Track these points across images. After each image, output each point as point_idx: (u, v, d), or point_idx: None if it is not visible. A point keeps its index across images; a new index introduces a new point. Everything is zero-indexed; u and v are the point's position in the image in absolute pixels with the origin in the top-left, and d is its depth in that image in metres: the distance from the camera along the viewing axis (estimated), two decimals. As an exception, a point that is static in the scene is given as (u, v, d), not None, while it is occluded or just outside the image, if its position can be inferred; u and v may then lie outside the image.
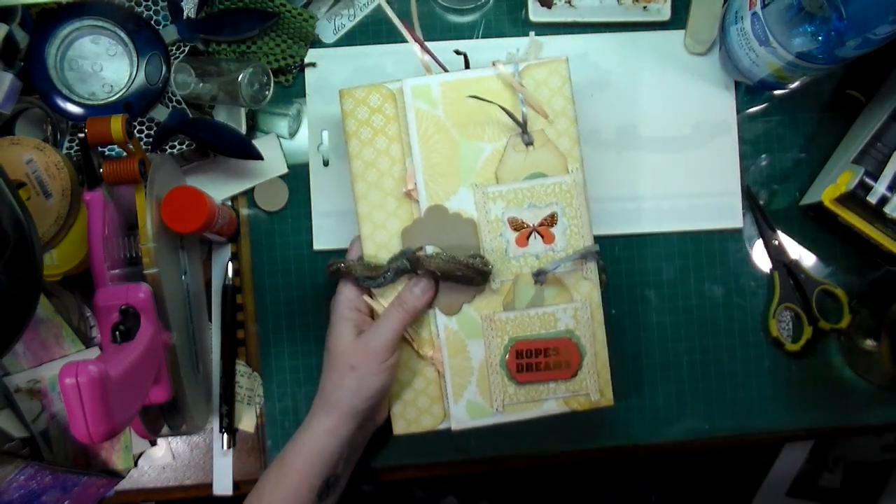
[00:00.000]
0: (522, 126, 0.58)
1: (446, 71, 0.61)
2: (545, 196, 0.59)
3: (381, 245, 0.59)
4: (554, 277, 0.59)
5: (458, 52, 0.61)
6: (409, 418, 0.60)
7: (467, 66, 0.61)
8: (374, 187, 0.59)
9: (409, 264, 0.57)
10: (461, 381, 0.59)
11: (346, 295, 0.59)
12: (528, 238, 0.59)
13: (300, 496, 0.55)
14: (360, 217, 0.59)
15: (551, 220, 0.59)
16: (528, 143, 0.58)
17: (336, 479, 0.59)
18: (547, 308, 0.59)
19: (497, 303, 0.59)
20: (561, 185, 0.58)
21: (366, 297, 0.59)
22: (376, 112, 0.59)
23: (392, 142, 0.59)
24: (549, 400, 0.60)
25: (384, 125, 0.59)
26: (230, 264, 0.68)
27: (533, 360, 0.59)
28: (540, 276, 0.58)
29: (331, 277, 0.59)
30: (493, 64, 0.58)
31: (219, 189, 0.68)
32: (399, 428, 0.60)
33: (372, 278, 0.58)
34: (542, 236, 0.59)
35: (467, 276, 0.57)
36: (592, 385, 0.60)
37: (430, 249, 0.59)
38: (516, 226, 0.59)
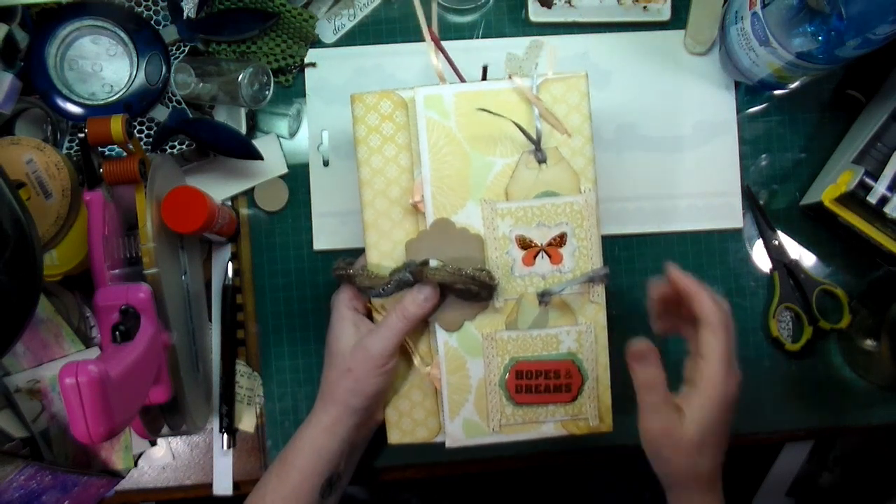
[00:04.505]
0: (536, 143, 0.56)
1: (463, 80, 0.59)
2: (555, 215, 0.57)
3: (384, 254, 0.58)
4: (559, 299, 0.57)
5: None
6: (405, 429, 0.60)
7: (485, 77, 0.59)
8: (380, 195, 0.58)
9: (411, 277, 0.56)
10: (458, 398, 0.58)
11: (348, 293, 0.59)
12: (535, 257, 0.57)
13: (302, 494, 0.56)
14: (366, 225, 0.58)
15: (560, 241, 0.57)
16: (542, 161, 0.57)
17: (338, 476, 0.59)
18: (550, 330, 0.58)
19: (499, 321, 0.58)
20: (572, 206, 0.57)
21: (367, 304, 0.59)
22: (387, 119, 0.58)
23: (401, 151, 0.58)
24: (547, 422, 0.58)
25: (394, 133, 0.58)
26: (230, 264, 0.68)
27: (533, 382, 0.58)
28: (545, 297, 0.57)
29: (335, 280, 0.59)
30: (510, 77, 0.56)
31: (219, 189, 0.68)
32: (394, 438, 0.60)
33: (372, 288, 0.57)
34: (550, 256, 0.57)
35: (471, 289, 0.55)
36: (592, 410, 0.58)
37: (434, 263, 0.57)
38: (524, 244, 0.57)
